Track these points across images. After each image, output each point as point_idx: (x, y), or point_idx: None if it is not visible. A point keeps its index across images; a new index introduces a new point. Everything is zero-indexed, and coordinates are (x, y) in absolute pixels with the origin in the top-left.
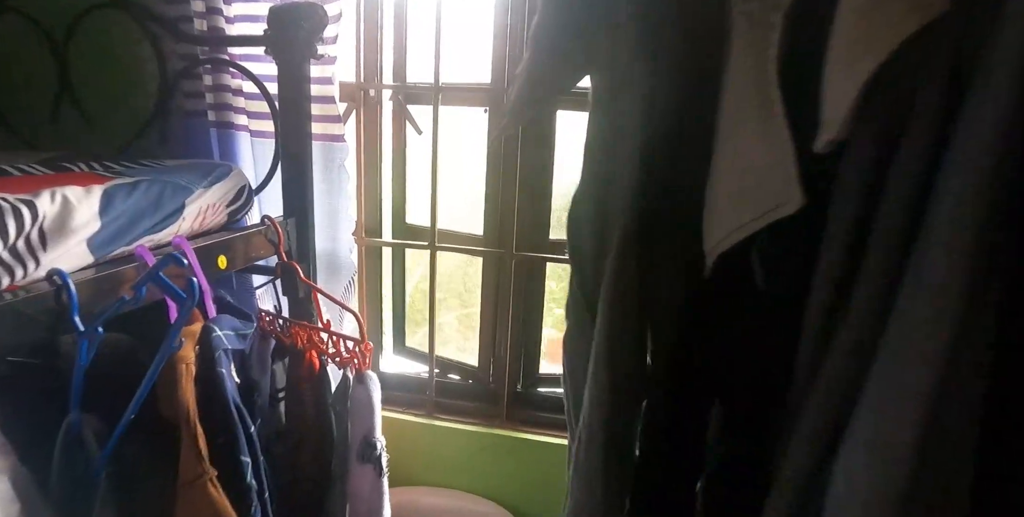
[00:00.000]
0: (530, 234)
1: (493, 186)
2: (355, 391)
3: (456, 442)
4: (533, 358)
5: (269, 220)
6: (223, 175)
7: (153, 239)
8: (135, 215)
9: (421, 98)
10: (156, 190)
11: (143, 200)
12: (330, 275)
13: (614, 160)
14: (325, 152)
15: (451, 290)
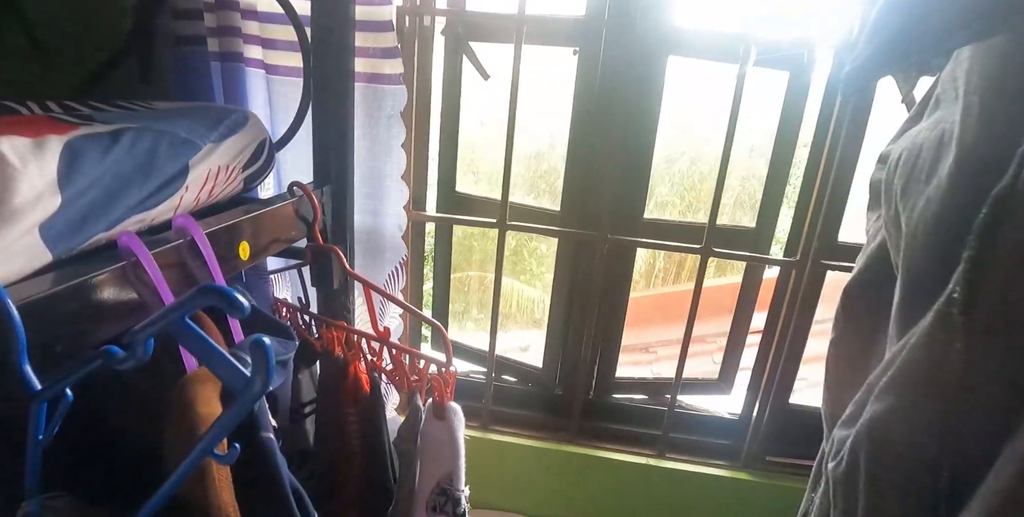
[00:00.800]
0: (622, 212)
1: (579, 149)
2: (431, 427)
3: (516, 460)
4: (610, 361)
5: (301, 188)
6: (238, 125)
7: (144, 218)
8: (117, 183)
9: (486, 32)
10: (147, 144)
11: (128, 159)
12: (370, 259)
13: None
14: (367, 98)
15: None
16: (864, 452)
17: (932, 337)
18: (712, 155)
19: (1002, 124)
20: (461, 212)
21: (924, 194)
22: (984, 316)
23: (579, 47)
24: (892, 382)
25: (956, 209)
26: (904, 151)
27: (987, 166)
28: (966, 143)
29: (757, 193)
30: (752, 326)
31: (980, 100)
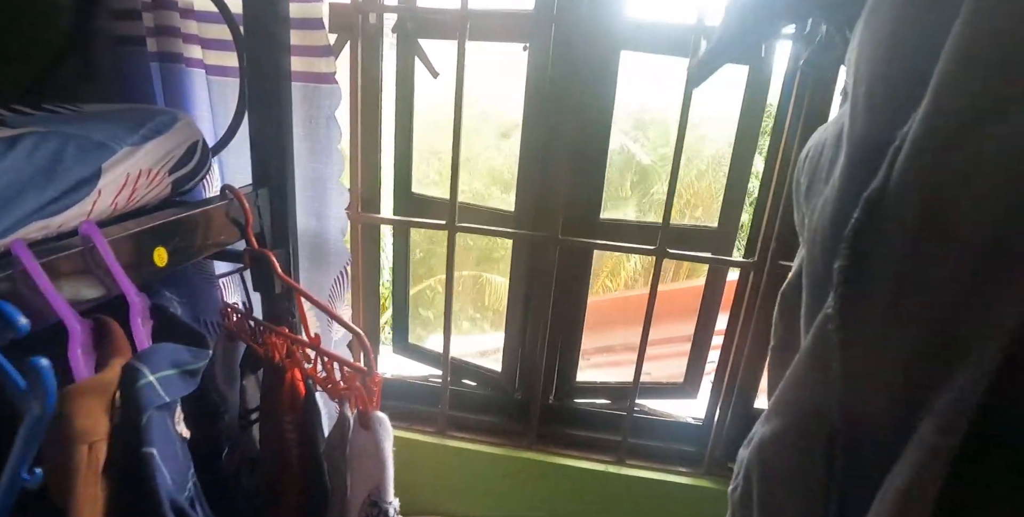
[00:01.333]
0: (577, 213)
1: (532, 148)
2: (357, 437)
3: (474, 466)
4: (570, 364)
5: (231, 192)
6: (163, 126)
7: (48, 225)
8: (11, 189)
9: (436, 29)
10: (50, 149)
11: (26, 164)
12: (316, 263)
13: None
14: (308, 98)
15: (436, 271)
16: (755, 475)
17: (812, 355)
18: (708, 152)
19: (884, 117)
20: (418, 213)
21: (823, 195)
22: (860, 334)
23: (529, 43)
24: (778, 403)
25: (845, 214)
26: (811, 148)
27: (867, 165)
28: (855, 139)
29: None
30: (718, 328)
31: (866, 90)
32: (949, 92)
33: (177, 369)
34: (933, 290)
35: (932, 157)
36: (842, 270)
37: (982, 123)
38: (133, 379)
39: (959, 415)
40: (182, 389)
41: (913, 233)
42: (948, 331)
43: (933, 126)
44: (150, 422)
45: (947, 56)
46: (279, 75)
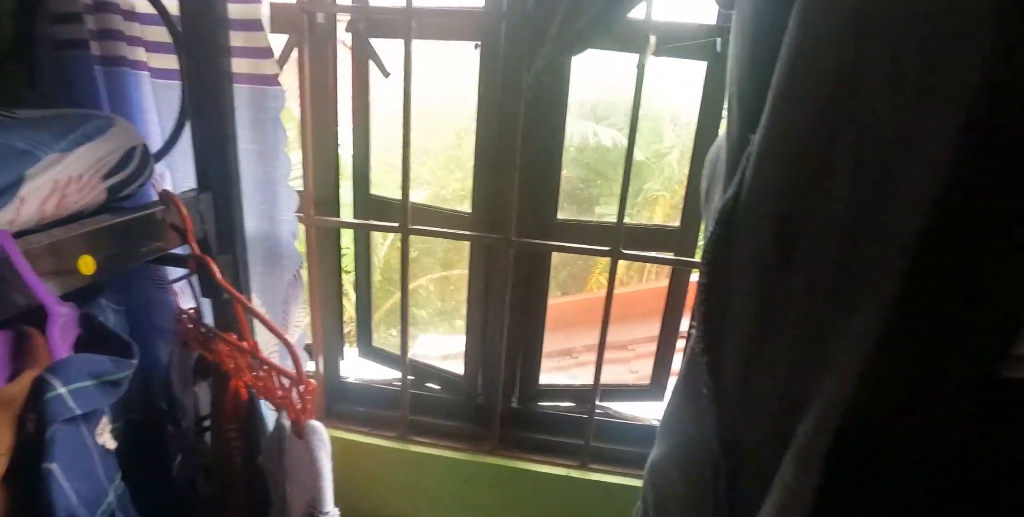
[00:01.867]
0: (533, 213)
1: (487, 148)
2: (293, 447)
3: (436, 472)
4: (532, 367)
5: (168, 197)
6: (96, 131)
7: None
8: None
9: (389, 28)
10: None
11: None
12: (269, 267)
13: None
14: (255, 100)
15: (428, 270)
16: (651, 498)
17: (685, 381)
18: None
19: (749, 119)
20: (378, 215)
21: (713, 204)
22: (726, 358)
23: (480, 41)
24: (663, 426)
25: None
26: (712, 150)
27: (734, 172)
28: (731, 142)
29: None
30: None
31: (737, 91)
32: (786, 99)
33: (95, 380)
34: (797, 309)
35: (779, 164)
36: (703, 288)
37: (825, 130)
38: (41, 391)
39: (814, 450)
40: (101, 400)
41: (771, 247)
42: (810, 355)
43: (772, 131)
44: (55, 436)
45: (781, 65)
46: (220, 77)
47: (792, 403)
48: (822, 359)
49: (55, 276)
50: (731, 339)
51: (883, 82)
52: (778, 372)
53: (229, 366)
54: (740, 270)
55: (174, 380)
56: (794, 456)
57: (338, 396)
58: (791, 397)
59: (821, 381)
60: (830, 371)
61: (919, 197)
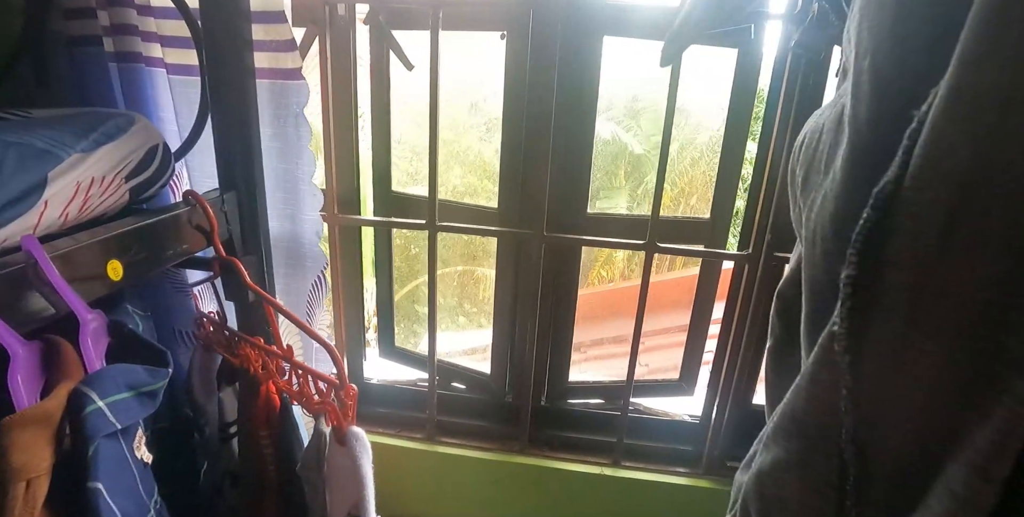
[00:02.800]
0: (563, 207)
1: (514, 143)
2: (334, 454)
3: (465, 473)
4: (562, 365)
5: (194, 198)
6: (117, 130)
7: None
8: None
9: (411, 20)
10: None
11: None
12: (292, 268)
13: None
14: (275, 95)
15: (449, 268)
16: (753, 509)
17: (816, 379)
18: (702, 140)
19: (895, 94)
20: (400, 213)
21: (823, 188)
22: (874, 358)
23: (506, 31)
24: (778, 429)
25: (851, 211)
26: (806, 134)
27: (878, 153)
28: (859, 121)
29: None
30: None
31: (872, 63)
32: (981, 58)
33: (133, 391)
34: (962, 305)
35: (961, 140)
36: (850, 281)
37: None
38: (80, 406)
39: (998, 459)
40: (139, 412)
41: (938, 235)
42: (981, 354)
43: (961, 102)
44: (98, 452)
45: (977, 13)
46: (242, 72)
47: (959, 406)
48: (1001, 355)
49: (84, 282)
50: (878, 338)
51: None
52: (937, 373)
53: (258, 371)
54: (896, 260)
55: (196, 386)
56: (970, 464)
57: (362, 398)
58: (960, 398)
59: (1004, 380)
60: (1015, 368)
61: None
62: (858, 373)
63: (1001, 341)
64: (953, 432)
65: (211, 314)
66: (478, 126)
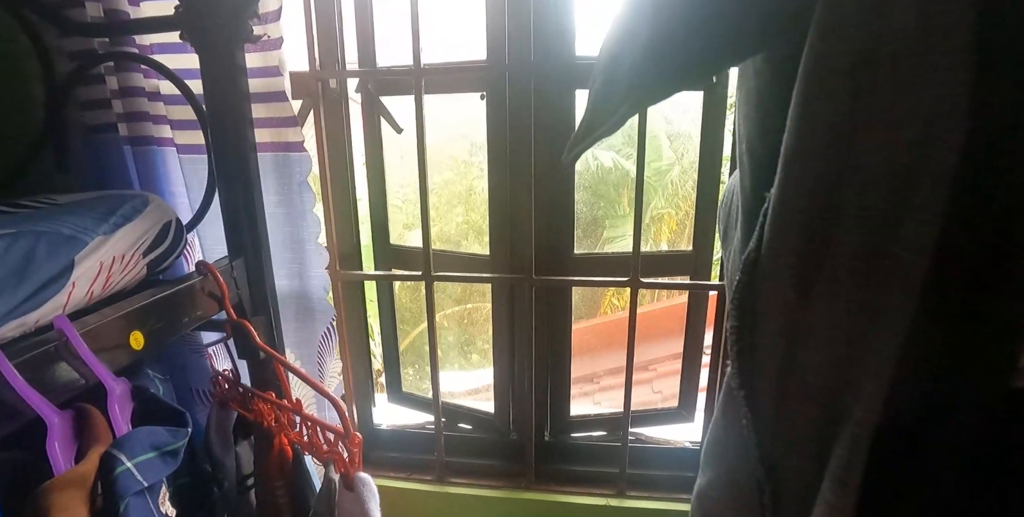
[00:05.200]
0: (551, 250)
1: (500, 192)
2: (343, 500)
3: (474, 511)
4: (562, 399)
5: (206, 267)
6: (135, 211)
7: (25, 322)
8: None
9: (398, 86)
10: (22, 249)
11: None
12: (302, 322)
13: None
14: (280, 166)
15: (452, 308)
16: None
17: (724, 411)
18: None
19: (761, 175)
20: (399, 264)
21: (732, 244)
22: (761, 390)
23: (486, 91)
24: (708, 453)
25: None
26: (726, 194)
27: (751, 223)
28: (745, 192)
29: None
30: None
31: (748, 148)
32: (795, 155)
33: (156, 451)
34: (823, 346)
35: (793, 220)
36: (733, 330)
37: (831, 189)
38: (111, 467)
39: (849, 469)
40: (163, 470)
41: (795, 292)
42: (839, 381)
43: (788, 192)
44: (128, 509)
45: (788, 132)
46: (245, 148)
47: (826, 427)
48: (848, 386)
49: (109, 352)
50: (763, 373)
51: (878, 143)
52: (809, 399)
53: (271, 424)
54: (766, 311)
55: (214, 441)
56: (832, 475)
57: (372, 443)
58: (825, 421)
59: (849, 405)
60: (857, 396)
61: (920, 240)
62: (753, 405)
63: (849, 373)
64: (826, 449)
65: (225, 372)
66: (480, 164)
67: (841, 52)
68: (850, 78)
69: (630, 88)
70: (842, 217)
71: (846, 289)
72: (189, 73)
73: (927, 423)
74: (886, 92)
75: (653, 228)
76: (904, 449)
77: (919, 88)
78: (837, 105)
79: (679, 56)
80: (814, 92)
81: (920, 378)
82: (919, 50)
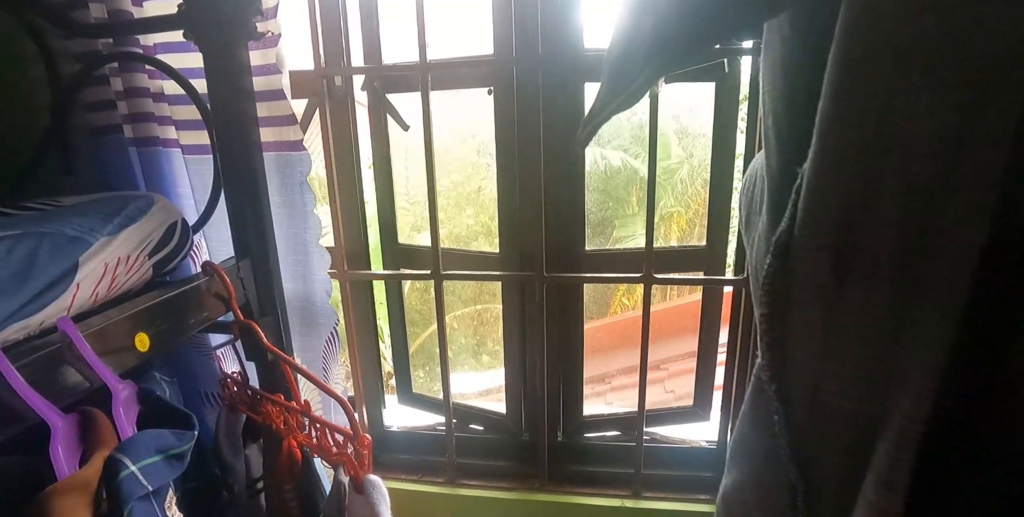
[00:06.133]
0: (561, 247)
1: (509, 189)
2: (353, 503)
3: (487, 513)
4: (575, 399)
5: (212, 268)
6: (139, 212)
7: (28, 324)
8: None
9: (404, 83)
10: (24, 250)
11: (1, 269)
12: (307, 326)
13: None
14: (281, 166)
15: (463, 309)
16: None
17: (753, 407)
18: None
19: (791, 151)
20: (407, 264)
21: (758, 229)
22: (793, 383)
23: (493, 86)
24: (734, 453)
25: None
26: (747, 178)
27: (781, 202)
28: (772, 172)
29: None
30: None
31: (773, 123)
32: (832, 123)
33: (162, 455)
34: (863, 336)
35: (831, 194)
36: (764, 318)
37: (871, 158)
38: (115, 471)
39: (897, 469)
40: (169, 474)
41: (831, 275)
42: (880, 379)
43: (824, 160)
44: (133, 514)
45: (824, 99)
46: (250, 148)
47: (867, 423)
48: (893, 377)
49: (114, 355)
50: (797, 365)
51: (925, 106)
52: (848, 393)
53: (280, 426)
54: (800, 298)
55: (223, 445)
56: (876, 474)
57: (383, 445)
58: (865, 417)
59: (896, 398)
60: (904, 389)
61: (972, 212)
62: (785, 399)
63: (893, 364)
64: (869, 447)
65: (234, 374)
66: (489, 165)
67: (887, 6)
68: (896, 35)
69: (652, 49)
70: (884, 190)
71: (889, 270)
72: (193, 72)
73: (985, 421)
74: (932, 49)
75: (663, 226)
76: (958, 450)
77: (971, 43)
78: (879, 66)
79: (709, 5)
80: (854, 53)
81: (975, 368)
82: (971, 1)
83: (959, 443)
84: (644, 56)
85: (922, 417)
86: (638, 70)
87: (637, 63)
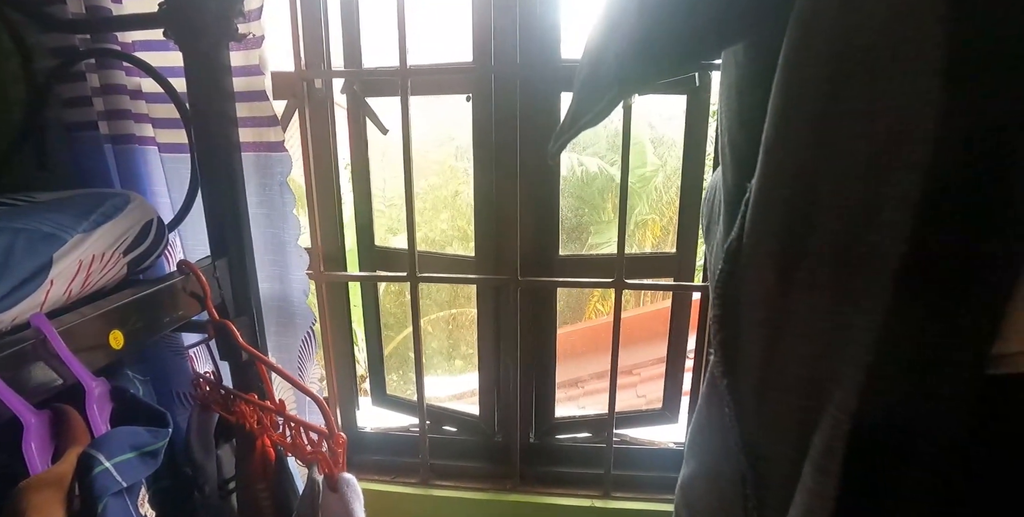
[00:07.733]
0: (536, 251)
1: (485, 193)
2: (327, 501)
3: (459, 514)
4: (547, 401)
5: (187, 267)
6: (115, 209)
7: (1, 321)
8: None
9: (384, 87)
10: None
11: None
12: (283, 326)
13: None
14: (261, 166)
15: (437, 313)
16: (684, 516)
17: (708, 400)
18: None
19: (743, 167)
20: (384, 266)
21: (716, 237)
22: (743, 380)
23: (471, 93)
24: (691, 445)
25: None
26: (708, 189)
27: (734, 214)
28: (727, 185)
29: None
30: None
31: (729, 140)
32: (775, 144)
33: (136, 452)
34: (806, 334)
35: (775, 208)
36: (716, 319)
37: (809, 177)
38: (89, 467)
39: (829, 455)
40: (143, 471)
41: (776, 280)
42: (821, 370)
43: (769, 181)
44: (106, 510)
45: (768, 121)
46: (229, 148)
47: (807, 415)
48: (830, 374)
49: (88, 352)
50: (746, 362)
51: (855, 133)
52: (791, 388)
53: (253, 426)
54: (748, 301)
55: (194, 445)
56: (812, 462)
57: (357, 446)
58: (806, 410)
59: (831, 393)
60: (838, 383)
61: (895, 228)
62: (736, 394)
63: (829, 360)
64: (808, 437)
65: (207, 374)
66: (467, 170)
67: (819, 43)
68: (827, 68)
69: (617, 76)
70: (821, 205)
71: (826, 276)
72: (172, 71)
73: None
74: (862, 83)
75: (637, 234)
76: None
77: (893, 80)
78: (815, 95)
79: (664, 43)
80: (793, 82)
81: (900, 365)
82: (891, 42)
83: (889, 435)
84: (607, 83)
85: (851, 409)
86: (603, 93)
87: (602, 87)
